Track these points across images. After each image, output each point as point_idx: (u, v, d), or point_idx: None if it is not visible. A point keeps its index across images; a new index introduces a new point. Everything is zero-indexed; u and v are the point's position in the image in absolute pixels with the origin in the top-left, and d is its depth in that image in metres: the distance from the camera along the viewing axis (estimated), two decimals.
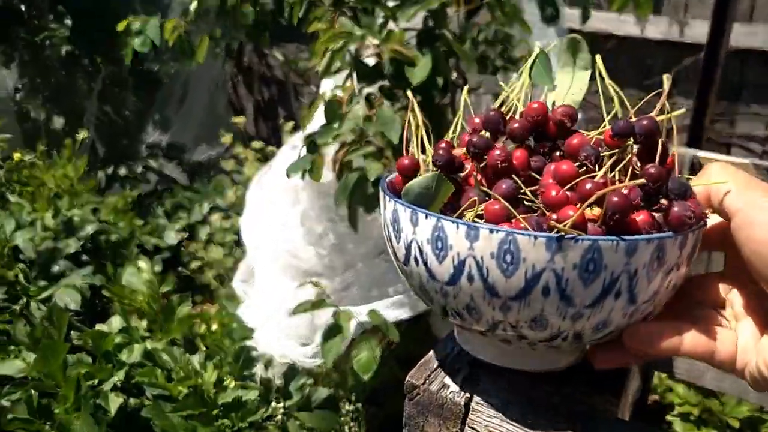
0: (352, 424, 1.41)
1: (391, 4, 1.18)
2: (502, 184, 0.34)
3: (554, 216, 0.31)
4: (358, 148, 0.88)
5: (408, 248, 0.35)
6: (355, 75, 1.04)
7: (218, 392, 1.23)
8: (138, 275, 1.46)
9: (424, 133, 0.39)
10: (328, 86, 1.61)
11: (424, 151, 0.39)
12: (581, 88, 0.40)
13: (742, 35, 1.92)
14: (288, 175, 0.91)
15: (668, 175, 0.34)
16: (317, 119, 1.74)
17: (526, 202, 0.35)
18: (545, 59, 0.38)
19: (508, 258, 0.31)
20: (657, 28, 2.12)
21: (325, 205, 1.62)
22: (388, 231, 0.37)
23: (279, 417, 1.28)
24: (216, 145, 2.90)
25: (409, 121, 0.39)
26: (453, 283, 0.33)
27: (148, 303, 1.39)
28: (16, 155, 1.62)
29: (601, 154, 0.34)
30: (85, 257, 1.63)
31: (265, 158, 1.96)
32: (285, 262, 1.64)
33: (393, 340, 1.31)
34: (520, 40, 1.69)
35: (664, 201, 0.35)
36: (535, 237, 0.30)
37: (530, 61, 0.39)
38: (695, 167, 0.94)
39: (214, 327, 1.41)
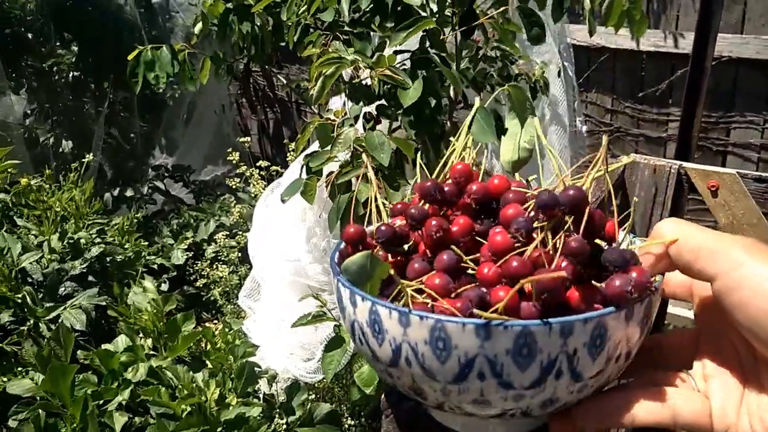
0: None
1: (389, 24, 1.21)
2: (443, 256, 0.33)
3: (485, 296, 0.31)
4: (349, 170, 0.91)
5: (352, 327, 0.34)
6: (348, 98, 1.07)
7: (221, 409, 1.25)
8: (143, 295, 1.48)
9: (379, 198, 0.38)
10: (336, 105, 1.65)
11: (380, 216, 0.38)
12: (532, 135, 0.39)
13: (734, 45, 1.95)
14: (282, 200, 0.93)
15: (596, 246, 0.32)
16: (315, 144, 1.78)
17: (469, 271, 0.34)
18: (485, 114, 0.38)
19: (441, 345, 0.30)
20: (648, 40, 2.15)
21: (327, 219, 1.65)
22: (339, 306, 0.35)
23: None
24: (222, 164, 2.94)
25: (364, 180, 0.39)
26: (394, 365, 0.32)
27: (153, 322, 1.42)
28: (23, 180, 1.66)
29: (536, 225, 0.32)
30: (91, 278, 1.67)
31: (270, 177, 1.99)
32: (291, 279, 1.66)
33: None
34: (520, 56, 1.72)
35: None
36: (464, 324, 0.29)
37: (469, 116, 0.38)
38: (682, 179, 0.95)
39: (219, 344, 1.43)
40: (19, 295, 1.44)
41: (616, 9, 1.29)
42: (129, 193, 2.50)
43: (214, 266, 2.00)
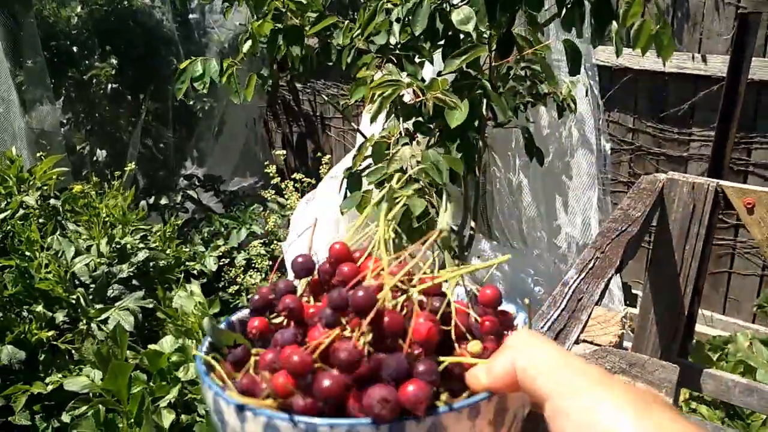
0: None
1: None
2: (285, 333, 0.33)
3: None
4: (403, 186, 0.98)
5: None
6: (395, 116, 1.14)
7: None
8: (188, 298, 1.55)
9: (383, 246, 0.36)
10: (368, 124, 1.73)
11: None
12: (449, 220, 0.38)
13: (757, 68, 2.01)
14: (342, 212, 1.00)
15: (387, 349, 0.30)
16: (349, 156, 1.85)
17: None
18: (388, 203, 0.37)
19: (217, 416, 0.31)
20: (671, 62, 2.22)
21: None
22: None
23: None
24: (249, 176, 3.03)
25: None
26: None
27: (198, 323, 1.49)
28: (77, 187, 1.75)
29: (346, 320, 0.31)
30: (135, 282, 1.74)
31: (302, 189, 2.07)
32: None
33: None
34: (550, 76, 1.79)
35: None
36: (227, 402, 0.30)
37: (372, 203, 0.39)
38: (719, 197, 1.01)
39: None
40: (73, 296, 1.51)
41: (645, 33, 1.34)
42: (163, 201, 2.59)
43: (248, 273, 2.07)
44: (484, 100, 1.35)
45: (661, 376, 0.47)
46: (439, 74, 1.26)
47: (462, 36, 1.27)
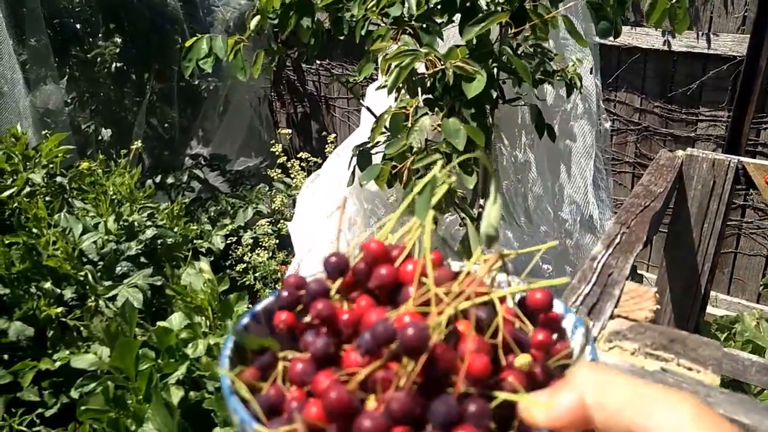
0: None
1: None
2: (317, 342, 0.30)
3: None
4: (423, 157, 0.97)
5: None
6: (406, 91, 1.13)
7: None
8: (197, 275, 1.55)
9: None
10: (374, 98, 1.71)
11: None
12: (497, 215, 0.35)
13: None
14: (361, 185, 0.99)
15: (423, 403, 0.27)
16: (361, 130, 1.83)
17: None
18: (430, 191, 0.33)
19: None
20: (681, 41, 2.19)
21: (369, 209, 1.72)
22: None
23: None
24: (254, 156, 3.01)
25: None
26: None
27: (208, 301, 1.49)
28: (84, 164, 1.73)
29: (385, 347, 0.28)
30: (143, 259, 1.74)
31: (308, 168, 2.06)
32: None
33: None
34: (556, 54, 1.77)
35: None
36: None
37: (414, 192, 0.35)
38: (739, 174, 0.99)
39: None
40: (82, 273, 1.51)
41: (660, 6, 1.31)
42: (169, 180, 2.58)
43: (255, 252, 2.07)
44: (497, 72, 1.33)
45: (704, 353, 0.47)
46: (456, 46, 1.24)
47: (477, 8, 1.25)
